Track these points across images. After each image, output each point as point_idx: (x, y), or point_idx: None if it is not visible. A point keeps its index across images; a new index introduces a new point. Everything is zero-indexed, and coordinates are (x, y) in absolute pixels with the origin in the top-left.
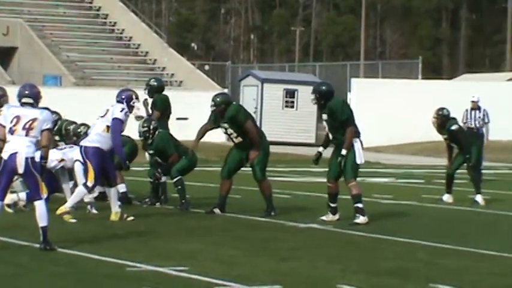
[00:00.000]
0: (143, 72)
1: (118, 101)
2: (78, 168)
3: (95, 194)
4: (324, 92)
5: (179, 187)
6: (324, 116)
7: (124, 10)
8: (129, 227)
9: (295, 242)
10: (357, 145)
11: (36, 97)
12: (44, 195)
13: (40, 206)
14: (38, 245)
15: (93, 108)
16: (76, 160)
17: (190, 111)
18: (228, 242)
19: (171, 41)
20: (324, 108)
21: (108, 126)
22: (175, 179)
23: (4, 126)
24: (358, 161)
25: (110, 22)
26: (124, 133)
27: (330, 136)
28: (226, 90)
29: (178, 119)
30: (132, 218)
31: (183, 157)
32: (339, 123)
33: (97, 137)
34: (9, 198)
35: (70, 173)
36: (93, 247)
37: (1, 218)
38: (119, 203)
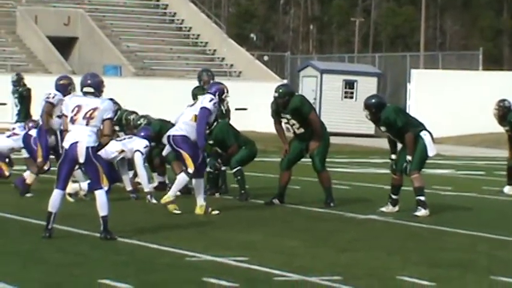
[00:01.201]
0: (202, 63)
1: (208, 93)
2: (138, 159)
3: (155, 184)
4: (376, 104)
5: (239, 177)
6: (383, 129)
7: (184, 1)
8: (189, 217)
9: (355, 233)
10: (426, 138)
11: (98, 86)
12: (105, 186)
13: (100, 196)
14: (98, 234)
15: (153, 98)
16: (136, 150)
17: (249, 101)
18: (288, 233)
19: (230, 31)
20: (379, 121)
21: (195, 116)
22: (234, 170)
23: (66, 116)
24: (430, 154)
25: (170, 12)
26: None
27: (397, 142)
28: (285, 81)
29: (237, 109)
30: (217, 211)
31: (242, 147)
32: (398, 130)
33: (184, 126)
34: (71, 187)
35: (130, 163)
36: (154, 237)
37: (62, 207)
38: (205, 196)
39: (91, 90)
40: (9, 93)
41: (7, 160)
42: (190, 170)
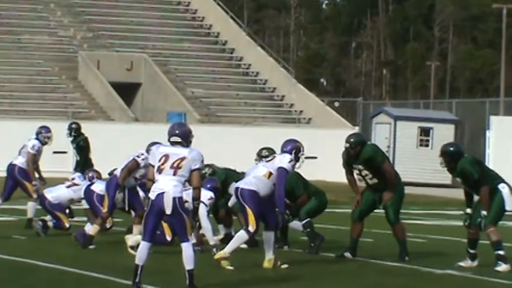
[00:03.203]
0: (270, 109)
1: (284, 152)
2: (202, 211)
3: (221, 236)
4: (452, 152)
5: (308, 230)
6: (458, 180)
7: (251, 44)
8: (257, 271)
9: None
10: (504, 190)
11: (185, 136)
12: (169, 237)
13: (187, 248)
14: None
15: (219, 146)
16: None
17: (320, 149)
18: None
19: (299, 76)
20: (454, 171)
21: (270, 173)
22: (304, 221)
23: (153, 166)
24: (508, 207)
25: (236, 57)
26: None
27: (474, 194)
28: (357, 129)
29: (307, 157)
30: (286, 265)
31: (312, 198)
32: (474, 182)
33: (255, 180)
34: (133, 240)
35: None
36: None
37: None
38: (274, 249)
39: (178, 139)
40: (69, 141)
41: (67, 211)
42: (251, 228)
